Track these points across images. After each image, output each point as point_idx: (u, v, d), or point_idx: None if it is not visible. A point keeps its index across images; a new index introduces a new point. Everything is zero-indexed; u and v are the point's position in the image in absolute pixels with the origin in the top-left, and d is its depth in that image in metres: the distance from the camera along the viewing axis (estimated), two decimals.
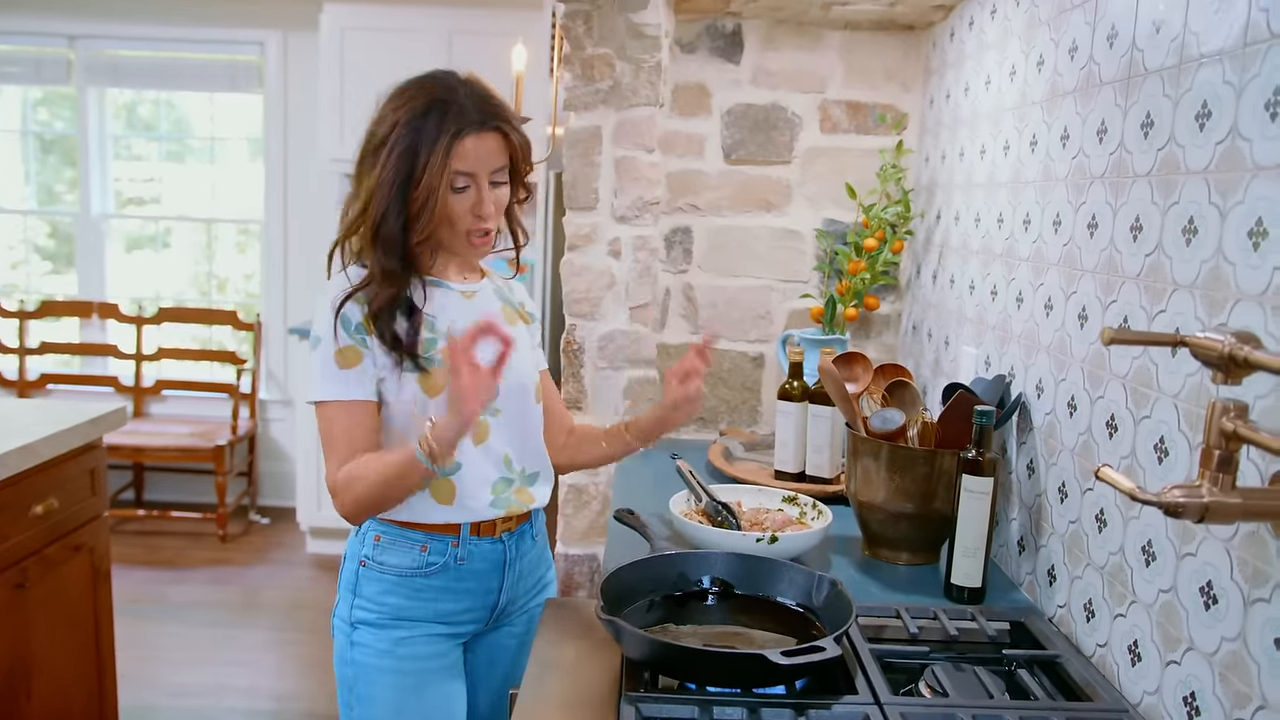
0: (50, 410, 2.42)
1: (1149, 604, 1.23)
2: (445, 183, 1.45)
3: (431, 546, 1.54)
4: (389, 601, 1.54)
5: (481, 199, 1.48)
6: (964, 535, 1.55)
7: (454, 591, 1.56)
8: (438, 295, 1.56)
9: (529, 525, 1.65)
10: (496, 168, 1.49)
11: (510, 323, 1.62)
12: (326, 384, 1.47)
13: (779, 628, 1.37)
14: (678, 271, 2.52)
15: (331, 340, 1.47)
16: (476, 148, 1.46)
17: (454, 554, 1.54)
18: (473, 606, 1.59)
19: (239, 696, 3.22)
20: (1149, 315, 1.26)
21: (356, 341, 1.47)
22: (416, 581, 1.54)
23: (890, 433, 1.71)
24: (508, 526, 1.59)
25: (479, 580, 1.57)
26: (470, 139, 1.46)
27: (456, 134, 1.45)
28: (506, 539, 1.59)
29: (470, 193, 1.48)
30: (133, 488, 5.04)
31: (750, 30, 2.44)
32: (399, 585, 1.54)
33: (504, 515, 1.57)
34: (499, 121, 1.49)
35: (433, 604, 1.55)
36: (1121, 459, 1.31)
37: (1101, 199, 1.41)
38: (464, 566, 1.55)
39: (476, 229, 1.50)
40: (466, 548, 1.55)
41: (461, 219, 1.49)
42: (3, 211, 5.18)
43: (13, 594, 2.14)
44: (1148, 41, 1.30)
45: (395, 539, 1.54)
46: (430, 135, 1.44)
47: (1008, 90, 1.83)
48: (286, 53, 4.86)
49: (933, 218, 2.28)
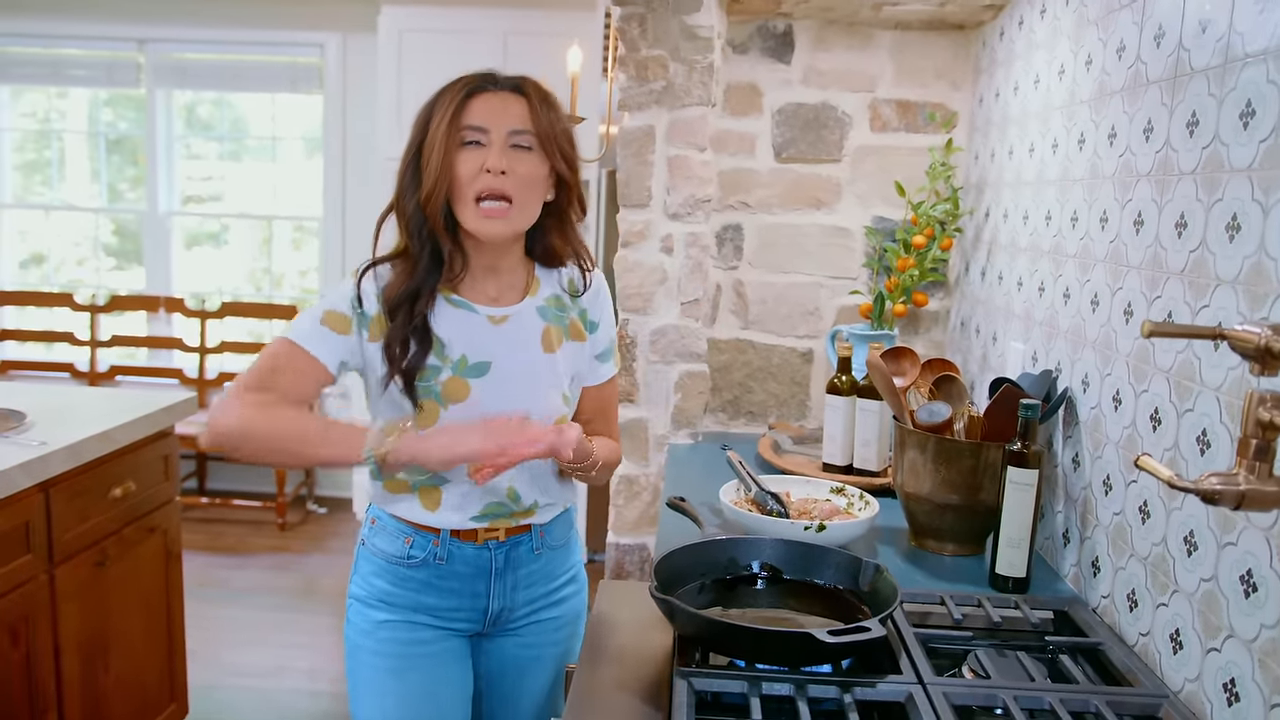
0: (123, 400, 2.54)
1: (1190, 593, 1.25)
2: (449, 135, 1.38)
3: (414, 540, 1.51)
4: (376, 584, 1.54)
5: (490, 154, 1.38)
6: (1009, 526, 1.58)
7: (437, 588, 1.53)
8: (457, 318, 1.47)
9: (527, 536, 1.57)
10: (515, 129, 1.40)
11: (548, 348, 1.52)
12: (299, 326, 1.43)
13: (825, 611, 1.41)
14: (728, 268, 2.57)
15: (332, 302, 1.44)
16: (489, 103, 1.40)
17: (434, 552, 1.51)
18: (460, 606, 1.54)
19: (300, 677, 3.33)
20: (1192, 310, 1.29)
21: (355, 318, 1.43)
22: (400, 570, 1.52)
23: (937, 425, 1.74)
24: (494, 536, 1.53)
25: (462, 581, 1.53)
26: (483, 95, 1.40)
27: (468, 92, 1.40)
28: (494, 546, 1.53)
29: (481, 151, 1.39)
30: (196, 476, 5.20)
31: (801, 31, 2.48)
32: (386, 570, 1.53)
33: (487, 527, 1.53)
34: (521, 83, 1.42)
35: (415, 595, 1.53)
36: (1165, 451, 1.34)
37: (1147, 196, 1.44)
38: (444, 566, 1.52)
39: (484, 189, 1.38)
40: (446, 548, 1.51)
41: (469, 180, 1.38)
42: (77, 209, 5.38)
43: (93, 572, 2.25)
44: (1194, 41, 1.32)
45: (385, 525, 1.53)
46: (444, 97, 1.42)
47: (1056, 89, 1.86)
48: (345, 54, 4.98)
49: (981, 215, 2.30)
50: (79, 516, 2.19)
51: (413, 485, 1.50)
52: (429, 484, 1.49)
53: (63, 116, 5.36)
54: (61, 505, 2.13)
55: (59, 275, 5.46)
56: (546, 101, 1.43)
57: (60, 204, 5.37)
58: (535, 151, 1.42)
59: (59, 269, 5.47)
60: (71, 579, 2.17)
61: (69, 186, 5.37)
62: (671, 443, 2.41)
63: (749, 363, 2.59)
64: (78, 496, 2.18)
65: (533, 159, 1.41)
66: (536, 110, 1.41)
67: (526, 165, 1.41)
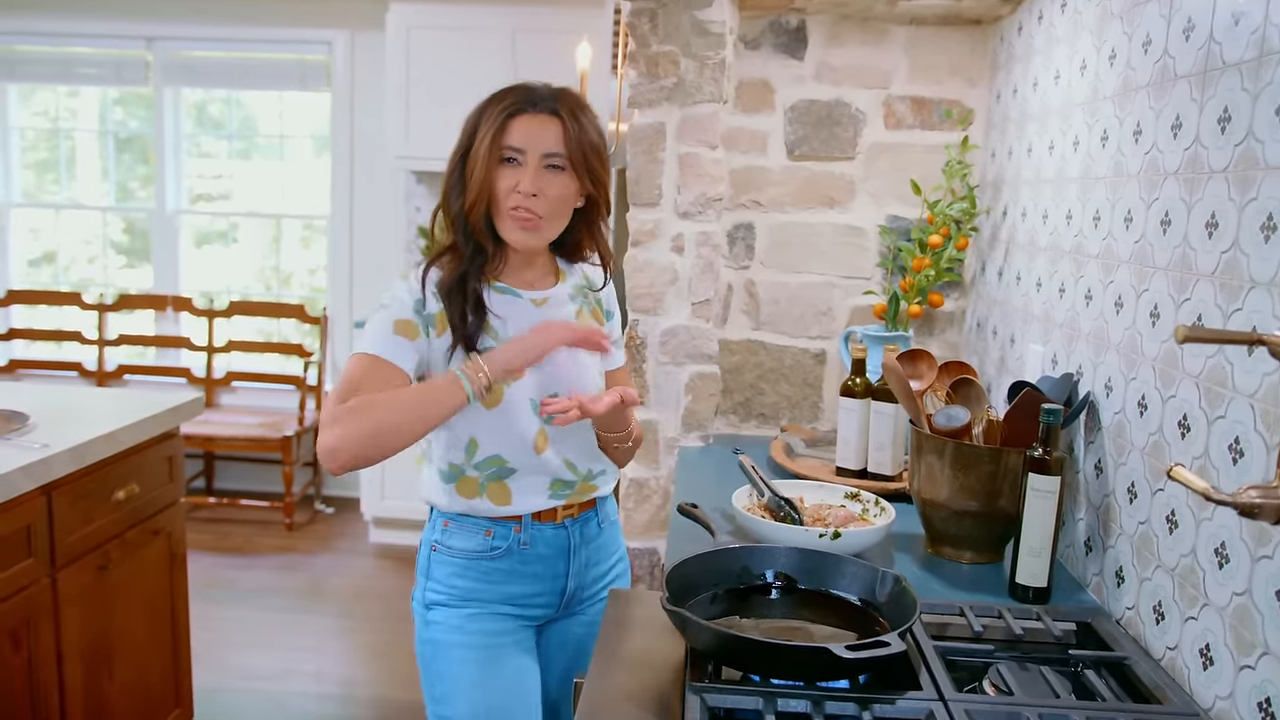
0: (129, 400, 2.51)
1: (1222, 607, 1.21)
2: (493, 155, 1.50)
3: (495, 532, 1.60)
4: (459, 584, 1.60)
5: (525, 176, 1.50)
6: (1030, 534, 1.53)
7: (521, 575, 1.61)
8: (505, 303, 1.59)
9: (594, 512, 1.69)
10: (548, 151, 1.51)
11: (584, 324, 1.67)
12: (373, 339, 1.51)
13: (841, 623, 1.37)
14: (740, 267, 2.53)
15: (398, 309, 1.52)
16: (528, 126, 1.51)
17: (517, 539, 1.60)
18: (541, 591, 1.63)
19: (307, 680, 3.30)
20: (1224, 313, 1.24)
21: (420, 322, 1.52)
22: (483, 564, 1.60)
23: (955, 430, 1.70)
24: (569, 513, 1.65)
25: (545, 564, 1.63)
26: (523, 117, 1.52)
27: (510, 111, 1.52)
28: (570, 524, 1.65)
29: (518, 169, 1.52)
30: (203, 476, 5.19)
31: (814, 26, 2.44)
32: (468, 568, 1.60)
33: (564, 504, 1.63)
34: (557, 106, 1.53)
35: (500, 586, 1.60)
36: (1194, 459, 1.29)
37: (1175, 195, 1.39)
38: (528, 551, 1.61)
39: (517, 206, 1.51)
40: (529, 532, 1.61)
41: (505, 195, 1.52)
42: (83, 208, 5.36)
43: (96, 575, 2.22)
44: (1226, 34, 1.27)
45: (462, 524, 1.61)
46: (488, 112, 1.53)
47: (1078, 85, 1.81)
48: (354, 52, 4.95)
49: (999, 214, 2.26)
50: (82, 519, 2.17)
51: (481, 485, 1.58)
52: (494, 480, 1.58)
53: (74, 115, 5.35)
54: (64, 508, 2.10)
55: (70, 274, 5.46)
56: (579, 121, 1.54)
57: (68, 202, 5.36)
58: (566, 171, 1.54)
59: (69, 268, 5.46)
60: (74, 583, 2.15)
61: (80, 185, 5.36)
62: (682, 445, 2.38)
63: (761, 364, 2.55)
64: (80, 499, 2.16)
65: (563, 179, 1.54)
66: (569, 132, 1.52)
67: (557, 186, 1.53)
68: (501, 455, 1.57)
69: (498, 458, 1.57)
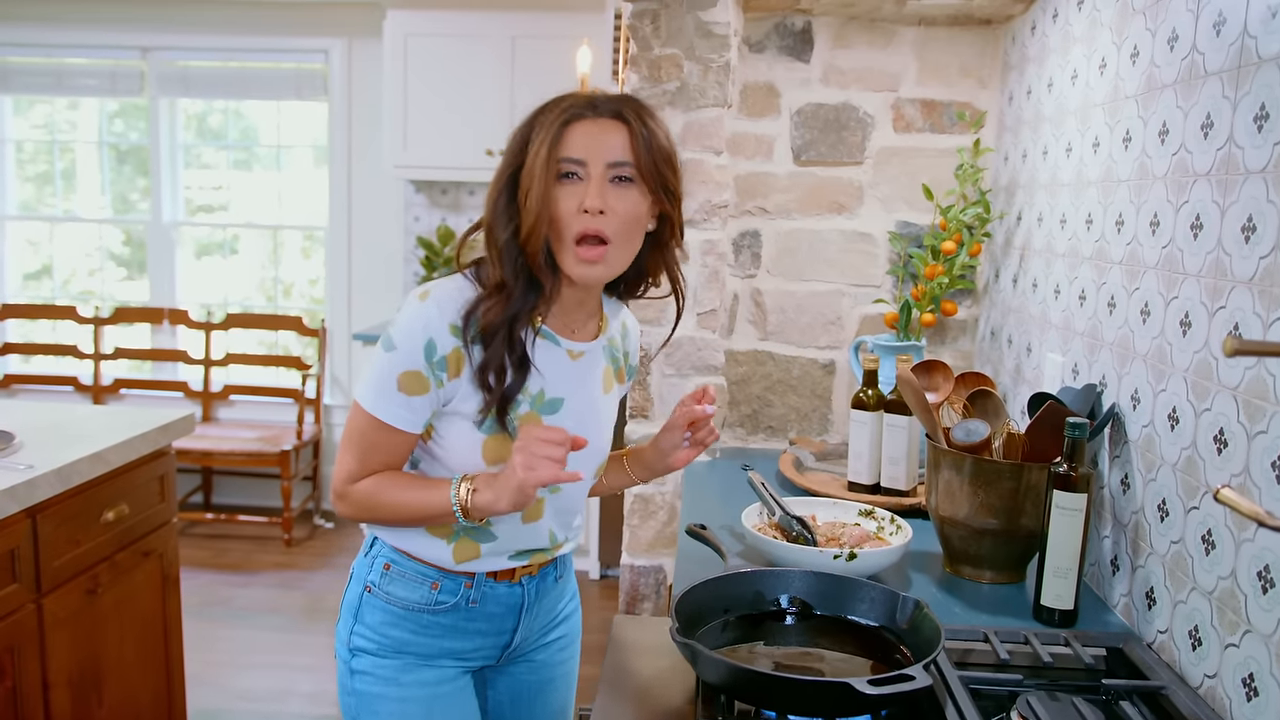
0: (120, 417, 2.44)
1: (1267, 634, 1.14)
2: (548, 169, 1.27)
3: (443, 585, 1.41)
4: (392, 634, 1.42)
5: (589, 191, 1.27)
6: (1055, 554, 1.46)
7: (464, 631, 1.44)
8: (544, 350, 1.37)
9: (552, 567, 1.52)
10: (615, 160, 1.28)
11: (607, 388, 1.47)
12: (377, 397, 1.32)
13: (860, 650, 1.31)
14: (746, 276, 2.46)
15: (406, 357, 1.29)
16: (588, 132, 1.28)
17: (466, 595, 1.42)
18: (483, 646, 1.47)
19: (303, 702, 3.23)
20: (1264, 322, 1.17)
21: (430, 373, 1.30)
22: (423, 618, 1.42)
23: (974, 445, 1.63)
24: (528, 571, 1.47)
25: (491, 621, 1.46)
26: (582, 123, 1.28)
27: (566, 119, 1.29)
28: (526, 582, 1.47)
29: (579, 186, 1.28)
30: (201, 491, 5.11)
31: (820, 28, 2.38)
32: (404, 618, 1.42)
33: (525, 564, 1.46)
34: (621, 108, 1.30)
35: (438, 641, 1.43)
36: (1233, 476, 1.22)
37: (1207, 198, 1.32)
38: (476, 608, 1.44)
39: (584, 231, 1.27)
40: (480, 590, 1.43)
41: (569, 219, 1.27)
42: (81, 220, 5.30)
43: (84, 600, 2.15)
44: (1261, 27, 1.21)
45: (405, 570, 1.42)
46: (540, 122, 1.30)
47: (1097, 84, 1.74)
48: (351, 60, 4.90)
49: (1013, 219, 2.19)
50: (69, 542, 2.09)
51: (454, 533, 1.40)
52: (470, 536, 1.40)
53: (74, 128, 5.29)
54: (50, 531, 2.03)
55: (70, 287, 5.39)
56: (647, 126, 1.30)
57: (64, 215, 5.30)
58: (636, 184, 1.30)
59: (69, 281, 5.40)
60: (61, 607, 2.07)
61: (80, 197, 5.30)
62: None
63: (768, 375, 2.48)
64: (67, 521, 2.08)
65: (633, 194, 1.30)
66: (638, 139, 1.29)
67: (626, 202, 1.29)
68: (489, 520, 1.38)
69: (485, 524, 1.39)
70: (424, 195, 4.91)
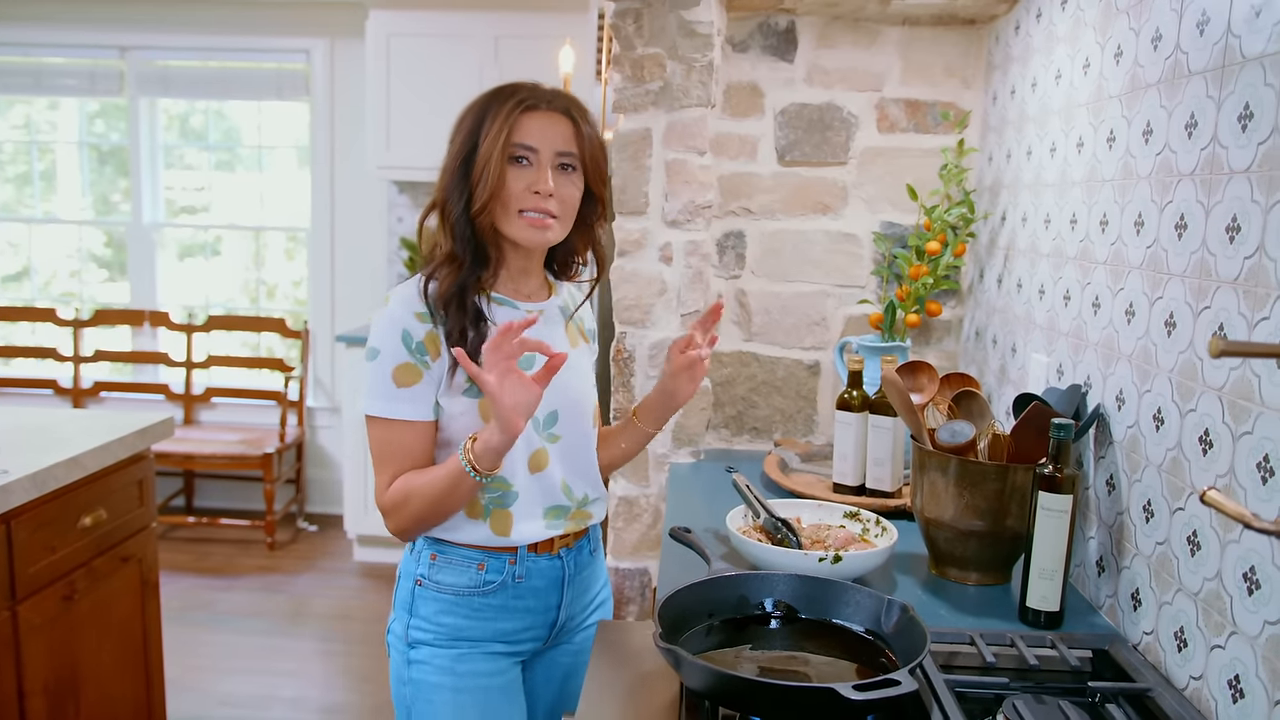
0: (98, 421, 2.41)
1: (1253, 636, 1.13)
2: (503, 153, 1.42)
3: (489, 565, 1.51)
4: (446, 621, 1.51)
5: (541, 176, 1.44)
6: (1041, 556, 1.46)
7: (513, 610, 1.53)
8: (504, 314, 1.51)
9: (586, 540, 1.63)
10: (562, 150, 1.46)
11: (573, 343, 1.61)
12: (379, 400, 1.44)
13: (846, 654, 1.29)
14: (730, 277, 2.45)
15: (390, 355, 1.44)
16: (540, 123, 1.45)
17: (512, 572, 1.52)
18: (533, 625, 1.56)
19: (285, 707, 3.20)
20: (1249, 322, 1.17)
21: (416, 360, 1.44)
22: (475, 601, 1.51)
23: (959, 446, 1.62)
24: (565, 543, 1.58)
25: (538, 597, 1.55)
26: (535, 114, 1.45)
27: (521, 106, 1.45)
28: (565, 554, 1.58)
29: (529, 170, 1.45)
30: (183, 494, 5.07)
31: (804, 27, 2.37)
32: (457, 605, 1.51)
33: (561, 533, 1.56)
34: (569, 106, 1.48)
35: (492, 623, 1.52)
36: (1218, 477, 1.22)
37: (1191, 198, 1.32)
38: (523, 584, 1.53)
39: (532, 207, 1.44)
40: (524, 565, 1.53)
41: (516, 196, 1.44)
42: (61, 222, 5.25)
43: (61, 606, 2.12)
44: (1245, 26, 1.20)
45: (451, 558, 1.52)
46: (494, 110, 1.45)
47: (1081, 84, 1.74)
48: (333, 60, 4.86)
49: (997, 219, 2.18)
50: (44, 548, 2.06)
51: (486, 509, 1.50)
52: (498, 505, 1.50)
53: (54, 128, 5.24)
54: (25, 537, 2.00)
55: (50, 289, 5.33)
56: (587, 121, 1.50)
57: (44, 216, 5.24)
58: (577, 172, 1.50)
59: (49, 283, 5.34)
60: (37, 614, 2.04)
61: (60, 199, 5.24)
62: (672, 462, 2.29)
63: (753, 376, 2.47)
64: (43, 527, 2.05)
65: (575, 179, 1.49)
66: (581, 133, 1.48)
67: (569, 187, 1.48)
68: (505, 477, 1.49)
69: (502, 480, 1.49)
70: (407, 196, 4.88)
